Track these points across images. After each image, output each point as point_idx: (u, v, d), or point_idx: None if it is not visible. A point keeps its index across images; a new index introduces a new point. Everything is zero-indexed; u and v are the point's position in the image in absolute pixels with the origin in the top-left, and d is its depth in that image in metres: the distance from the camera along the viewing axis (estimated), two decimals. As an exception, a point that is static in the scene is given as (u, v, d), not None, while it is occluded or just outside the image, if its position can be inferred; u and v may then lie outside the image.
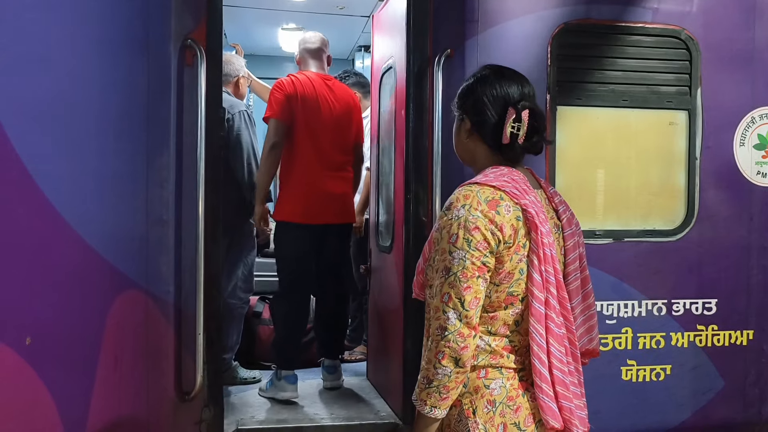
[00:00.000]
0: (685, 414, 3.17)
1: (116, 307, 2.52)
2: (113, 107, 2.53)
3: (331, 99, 3.68)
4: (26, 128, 2.35)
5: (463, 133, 1.75)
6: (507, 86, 1.70)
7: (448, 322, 1.54)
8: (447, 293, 1.56)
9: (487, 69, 1.77)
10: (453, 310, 1.55)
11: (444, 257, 1.58)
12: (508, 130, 1.64)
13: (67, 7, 2.42)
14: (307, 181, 3.58)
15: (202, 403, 2.78)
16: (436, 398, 1.57)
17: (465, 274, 1.55)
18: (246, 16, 5.95)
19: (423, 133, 3.03)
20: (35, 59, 2.38)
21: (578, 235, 1.78)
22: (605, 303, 3.08)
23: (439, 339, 1.55)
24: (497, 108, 1.68)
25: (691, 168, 3.18)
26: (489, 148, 1.71)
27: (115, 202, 2.54)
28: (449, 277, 1.56)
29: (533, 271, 1.60)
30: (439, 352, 1.55)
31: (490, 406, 1.61)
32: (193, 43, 2.67)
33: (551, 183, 3.00)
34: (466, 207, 1.58)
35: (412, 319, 3.05)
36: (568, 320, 1.67)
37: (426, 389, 1.58)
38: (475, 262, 1.56)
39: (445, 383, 1.56)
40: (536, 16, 3.02)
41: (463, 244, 1.56)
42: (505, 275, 1.60)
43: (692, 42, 3.15)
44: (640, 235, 3.13)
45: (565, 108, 3.06)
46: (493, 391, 1.62)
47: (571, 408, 1.62)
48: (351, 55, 7.72)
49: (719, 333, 3.21)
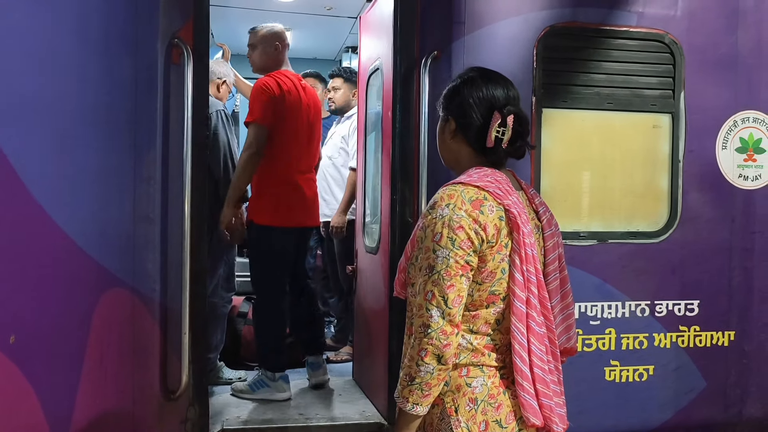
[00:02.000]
0: (667, 414, 3.21)
1: (102, 305, 2.51)
2: (100, 105, 2.52)
3: (305, 101, 3.65)
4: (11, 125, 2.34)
5: (448, 134, 1.76)
6: (493, 89, 1.71)
7: (431, 320, 1.56)
8: (430, 291, 1.57)
9: (474, 71, 1.78)
10: (436, 308, 1.56)
11: (428, 255, 1.59)
12: (493, 134, 1.65)
13: (54, 4, 2.41)
14: (290, 185, 3.56)
15: (188, 402, 2.78)
16: (418, 395, 1.58)
17: (449, 272, 1.57)
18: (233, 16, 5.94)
19: (409, 134, 3.05)
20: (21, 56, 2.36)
21: (558, 235, 1.80)
22: (589, 304, 3.11)
23: (422, 336, 1.57)
24: (482, 111, 1.69)
25: (674, 170, 3.22)
26: (473, 150, 1.72)
27: (101, 200, 2.53)
28: (433, 275, 1.58)
29: (515, 270, 1.62)
30: (422, 349, 1.56)
31: (472, 404, 1.63)
32: (180, 42, 2.68)
33: (536, 185, 3.03)
34: (451, 206, 1.59)
35: (397, 319, 3.06)
36: (548, 319, 1.69)
37: (408, 386, 1.59)
38: (458, 261, 1.57)
39: (427, 380, 1.57)
40: (523, 18, 3.05)
41: (447, 242, 1.57)
42: (488, 274, 1.62)
43: (676, 46, 3.19)
44: (623, 236, 3.16)
45: (550, 110, 3.09)
46: (475, 389, 1.64)
47: (551, 405, 1.65)
48: (338, 56, 7.72)
49: (701, 334, 3.24)
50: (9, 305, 2.37)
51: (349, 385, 3.85)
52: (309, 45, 7.07)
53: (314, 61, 7.34)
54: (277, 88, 3.51)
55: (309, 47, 7.14)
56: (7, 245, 2.36)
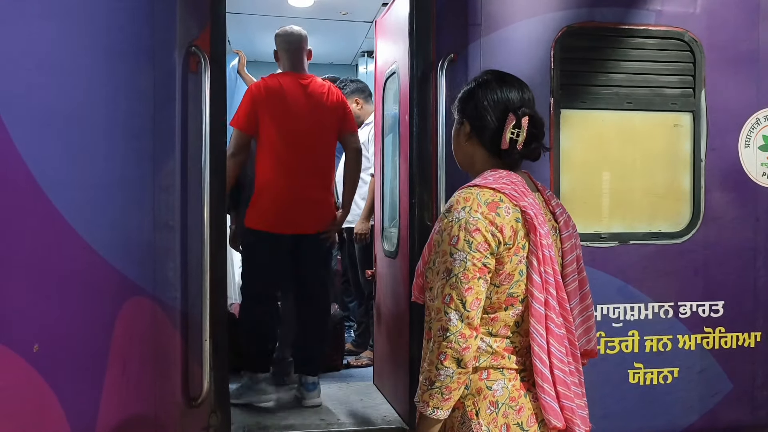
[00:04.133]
0: (693, 417, 3.16)
1: (124, 313, 2.53)
2: (120, 114, 2.54)
3: (303, 101, 3.53)
4: (33, 135, 2.37)
5: (463, 136, 1.76)
6: (508, 92, 1.71)
7: (449, 323, 1.55)
8: (448, 294, 1.57)
9: (489, 74, 1.78)
10: (455, 311, 1.56)
11: (445, 259, 1.59)
12: (508, 135, 1.66)
13: (75, 15, 2.44)
14: (278, 190, 3.46)
15: (209, 409, 2.78)
16: (439, 399, 1.57)
17: (466, 275, 1.57)
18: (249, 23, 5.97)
19: (427, 138, 3.04)
20: (44, 66, 2.40)
21: (575, 237, 1.79)
22: (611, 306, 3.07)
23: (441, 340, 1.56)
24: (497, 113, 1.69)
25: (696, 170, 3.18)
26: (487, 152, 1.73)
27: (121, 209, 2.55)
28: (450, 279, 1.57)
29: (533, 272, 1.62)
30: (441, 353, 1.56)
31: (493, 407, 1.62)
32: (198, 50, 2.69)
33: (555, 186, 3.01)
34: (467, 209, 1.59)
35: (418, 323, 3.04)
36: (567, 321, 1.68)
37: (428, 390, 1.58)
38: (476, 264, 1.57)
39: (447, 384, 1.56)
40: (539, 19, 3.03)
41: (464, 245, 1.57)
42: (505, 276, 1.62)
43: (696, 44, 3.15)
44: (645, 237, 3.12)
45: (568, 111, 3.06)
46: (496, 392, 1.63)
47: (572, 408, 1.64)
48: (354, 61, 7.73)
49: (726, 335, 3.20)
50: (33, 314, 2.39)
51: (370, 389, 3.85)
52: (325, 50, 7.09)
53: (330, 66, 7.36)
54: (257, 92, 3.48)
55: (325, 52, 7.15)
56: (29, 255, 2.39)
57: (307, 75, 3.67)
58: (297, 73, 3.63)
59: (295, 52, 3.66)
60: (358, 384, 3.90)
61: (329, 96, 3.62)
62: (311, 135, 3.54)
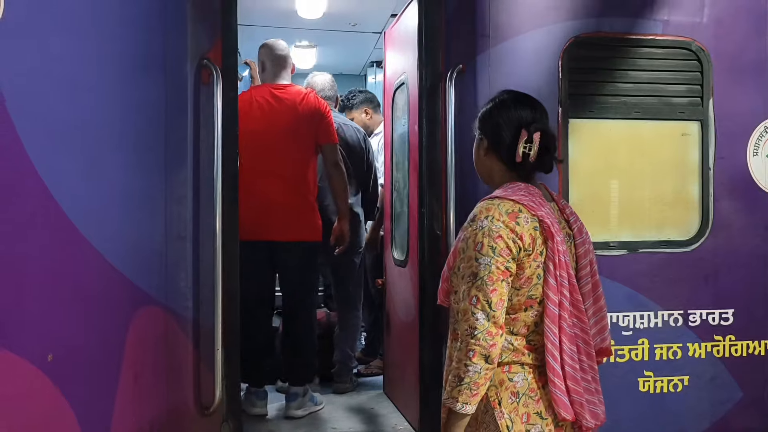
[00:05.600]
0: (704, 424, 3.16)
1: (136, 323, 2.56)
2: (132, 125, 2.58)
3: (272, 108, 3.54)
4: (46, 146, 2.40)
5: (482, 151, 1.92)
6: (521, 110, 1.87)
7: (477, 323, 1.68)
8: (475, 296, 1.70)
9: (505, 94, 1.95)
10: (481, 311, 1.69)
11: (470, 264, 1.73)
12: (521, 149, 1.81)
13: (89, 28, 2.48)
14: (248, 196, 3.38)
15: (221, 418, 2.81)
16: (467, 395, 1.69)
17: (491, 278, 1.70)
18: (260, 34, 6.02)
19: (436, 147, 3.06)
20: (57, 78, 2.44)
21: (588, 243, 1.93)
22: (621, 314, 3.08)
23: (469, 338, 1.69)
24: (512, 130, 1.85)
25: (704, 178, 3.18)
26: (505, 165, 1.88)
27: (134, 219, 2.58)
28: (477, 282, 1.71)
29: (549, 276, 1.76)
30: (469, 350, 1.68)
31: (514, 397, 1.76)
32: (209, 63, 2.73)
33: (564, 196, 3.02)
34: (489, 218, 1.74)
35: (428, 332, 3.06)
36: (582, 321, 1.81)
37: (457, 387, 1.69)
38: (499, 267, 1.71)
39: (475, 380, 1.68)
40: (547, 30, 3.05)
41: (489, 251, 1.71)
42: (525, 280, 1.76)
43: (703, 53, 3.16)
44: (654, 246, 3.13)
45: (576, 121, 3.08)
46: (517, 383, 1.77)
47: (581, 402, 1.77)
48: (363, 71, 7.79)
49: (737, 343, 3.19)
50: (47, 324, 2.42)
51: (380, 398, 3.87)
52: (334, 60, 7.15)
53: (340, 76, 7.40)
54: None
55: (335, 63, 7.21)
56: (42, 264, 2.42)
57: (284, 84, 3.68)
58: (274, 84, 3.65)
59: (279, 64, 3.68)
60: (369, 392, 3.92)
61: (304, 102, 3.61)
62: (281, 140, 3.52)
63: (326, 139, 3.64)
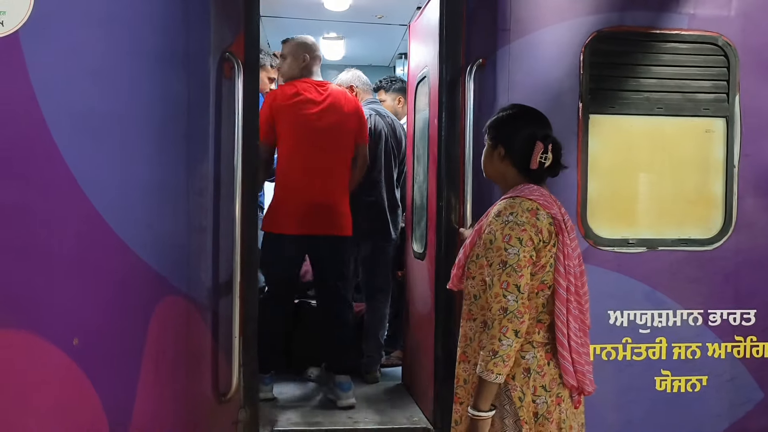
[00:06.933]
0: (722, 425, 3.13)
1: (159, 311, 2.63)
2: (156, 118, 2.64)
3: (318, 106, 3.62)
4: (74, 137, 2.49)
5: (497, 157, 2.15)
6: (533, 123, 2.13)
7: (508, 304, 1.94)
8: (505, 281, 1.95)
9: (515, 108, 2.19)
10: (511, 294, 1.94)
11: (499, 253, 1.97)
12: (538, 159, 2.06)
13: (114, 22, 2.55)
14: (288, 193, 3.56)
15: (239, 404, 2.87)
16: (501, 366, 1.94)
17: (519, 265, 1.96)
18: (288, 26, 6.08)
19: (455, 141, 3.07)
20: (85, 71, 2.51)
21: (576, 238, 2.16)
22: (638, 312, 3.06)
23: (501, 317, 1.94)
24: (526, 140, 2.09)
25: (728, 176, 3.14)
26: (518, 170, 2.12)
27: (157, 210, 2.64)
28: (507, 269, 1.96)
29: (559, 264, 2.02)
30: (503, 327, 1.93)
31: (526, 372, 2.01)
32: (231, 56, 2.77)
33: (583, 192, 3.01)
34: (514, 214, 2.00)
35: (442, 325, 3.08)
36: (580, 303, 2.07)
37: (492, 359, 1.94)
38: (525, 256, 1.97)
39: (508, 353, 1.94)
40: (569, 24, 3.03)
41: (516, 242, 1.97)
42: (540, 267, 2.01)
43: (730, 48, 3.11)
44: (674, 243, 3.10)
45: (597, 116, 3.05)
46: (528, 360, 2.02)
47: (584, 371, 2.05)
48: (392, 63, 7.79)
49: (758, 344, 3.15)
50: (73, 309, 2.51)
51: (399, 389, 3.90)
52: (362, 52, 7.17)
53: (369, 67, 7.41)
54: (270, 101, 3.60)
55: (363, 54, 7.23)
56: (69, 252, 2.51)
57: (323, 81, 3.79)
58: (313, 79, 3.73)
59: (317, 60, 3.79)
60: (388, 383, 3.95)
61: (347, 101, 3.74)
62: (328, 138, 3.62)
63: (363, 139, 3.82)
